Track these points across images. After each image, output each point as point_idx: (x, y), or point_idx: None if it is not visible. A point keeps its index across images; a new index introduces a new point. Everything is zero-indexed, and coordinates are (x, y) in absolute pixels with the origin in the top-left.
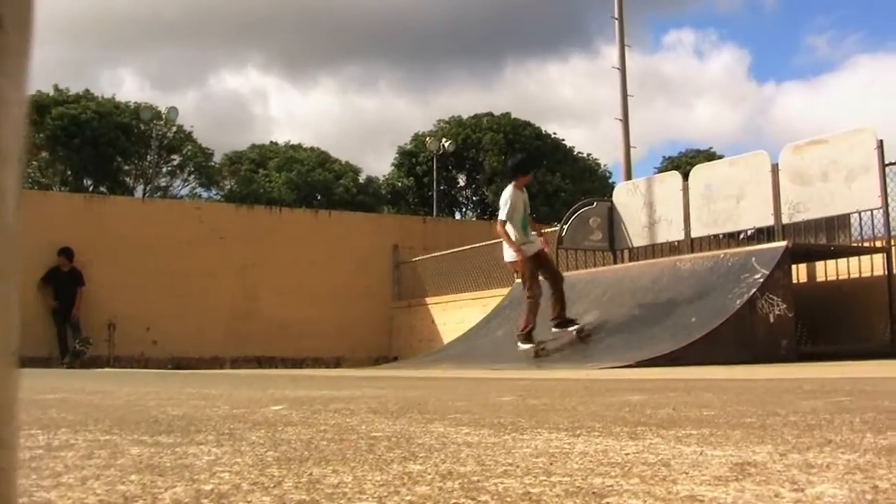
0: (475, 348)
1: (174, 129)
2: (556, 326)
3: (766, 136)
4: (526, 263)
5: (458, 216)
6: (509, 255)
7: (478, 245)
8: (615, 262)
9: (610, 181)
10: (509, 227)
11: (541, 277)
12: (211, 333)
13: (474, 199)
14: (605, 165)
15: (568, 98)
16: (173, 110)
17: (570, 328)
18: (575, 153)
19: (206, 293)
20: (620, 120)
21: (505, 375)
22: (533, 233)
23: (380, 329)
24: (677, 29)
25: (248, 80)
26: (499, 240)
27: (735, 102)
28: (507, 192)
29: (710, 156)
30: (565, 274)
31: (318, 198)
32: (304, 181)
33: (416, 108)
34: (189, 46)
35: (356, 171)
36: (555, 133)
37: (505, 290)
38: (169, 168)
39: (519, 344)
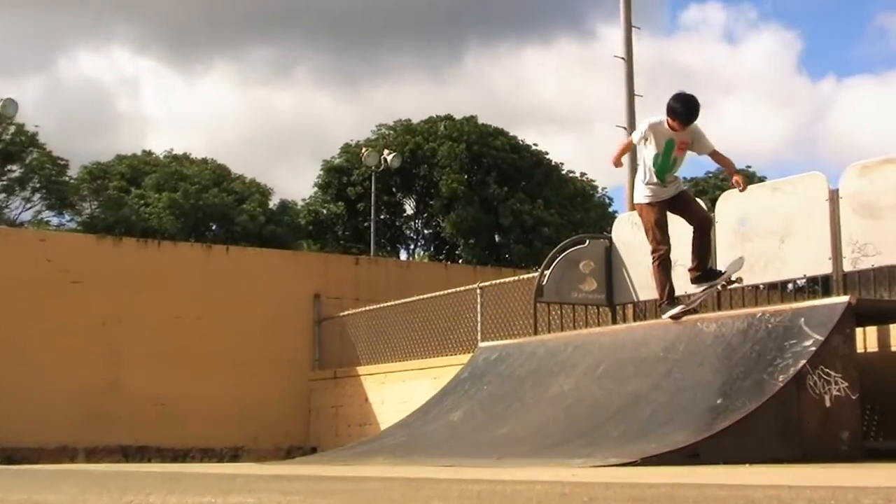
0: (422, 436)
1: (12, 128)
2: (695, 281)
3: (821, 152)
4: (649, 210)
5: (403, 256)
6: (638, 194)
7: (429, 296)
8: (614, 322)
9: (610, 210)
10: (643, 162)
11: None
12: (58, 414)
13: (426, 232)
14: (602, 190)
15: (552, 96)
16: (10, 103)
17: (715, 282)
18: (562, 172)
19: (51, 358)
20: (624, 128)
21: (458, 475)
22: (676, 175)
23: (294, 409)
24: (700, 4)
25: (113, 64)
26: (455, 289)
27: (780, 105)
28: (652, 119)
29: (746, 177)
30: (542, 338)
31: (213, 228)
32: (194, 205)
33: (346, 107)
34: (31, 15)
35: (265, 193)
36: (535, 144)
37: (464, 358)
38: (4, 183)
39: (663, 316)
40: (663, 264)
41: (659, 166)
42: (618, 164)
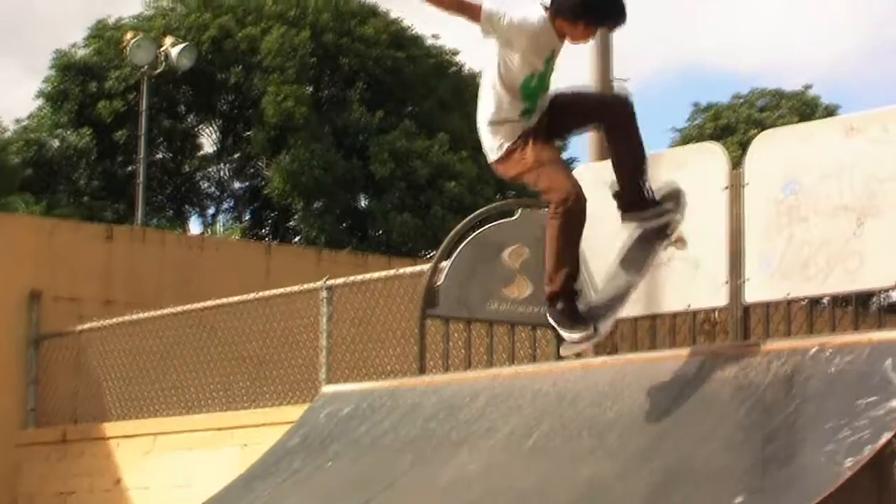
0: None
1: None
2: (626, 211)
3: None
4: (523, 150)
5: (195, 226)
6: (490, 144)
7: (236, 299)
8: (559, 356)
9: (561, 156)
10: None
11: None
12: None
13: (237, 186)
14: None
15: None
16: None
17: (659, 213)
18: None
19: None
20: None
21: None
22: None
23: None
24: None
25: None
26: (284, 290)
27: None
28: (527, 11)
29: (800, 105)
30: (433, 380)
31: None
32: None
33: None
34: None
35: None
36: (435, 36)
37: (295, 412)
38: None
39: (561, 331)
40: (575, 227)
41: (531, 91)
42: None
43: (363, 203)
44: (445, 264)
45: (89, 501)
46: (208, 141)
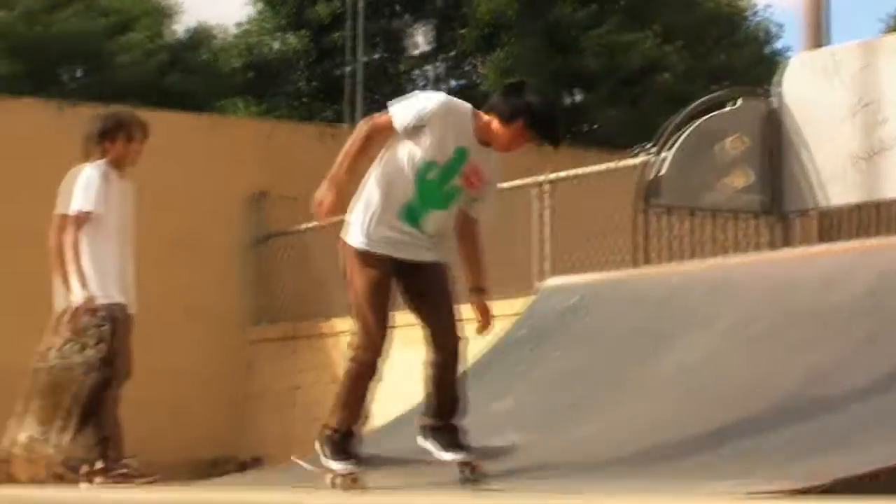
0: None
1: None
2: (423, 434)
3: None
4: (362, 266)
5: None
6: (353, 229)
7: None
8: (784, 244)
9: (773, 48)
10: (382, 165)
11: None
12: None
13: (452, 83)
14: (762, 9)
15: None
16: None
17: (450, 454)
18: None
19: None
20: None
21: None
22: (443, 227)
23: (219, 393)
24: None
25: None
26: (503, 185)
27: None
28: (448, 99)
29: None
30: (656, 271)
31: (76, 74)
32: (35, 33)
33: None
34: None
35: (166, 13)
36: None
37: (517, 304)
38: None
39: (320, 454)
40: (361, 379)
41: (424, 188)
42: (331, 208)
43: (575, 98)
44: (665, 156)
45: (317, 394)
46: (423, 40)
